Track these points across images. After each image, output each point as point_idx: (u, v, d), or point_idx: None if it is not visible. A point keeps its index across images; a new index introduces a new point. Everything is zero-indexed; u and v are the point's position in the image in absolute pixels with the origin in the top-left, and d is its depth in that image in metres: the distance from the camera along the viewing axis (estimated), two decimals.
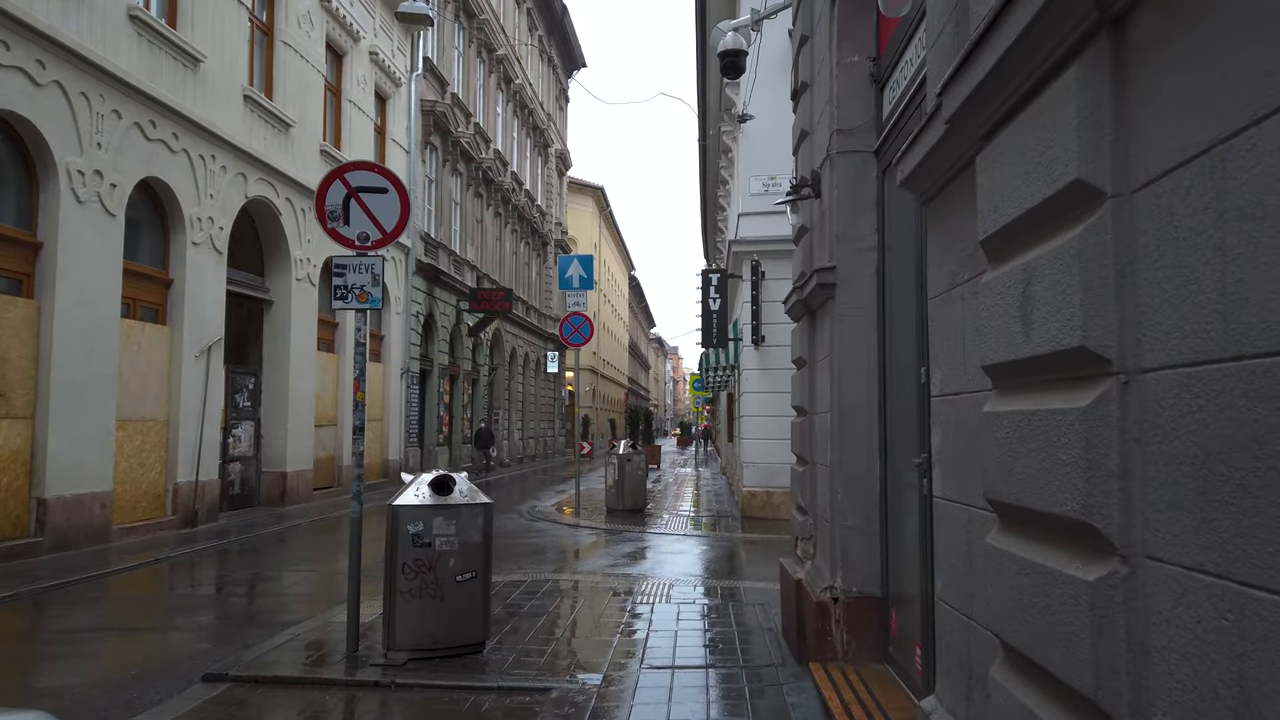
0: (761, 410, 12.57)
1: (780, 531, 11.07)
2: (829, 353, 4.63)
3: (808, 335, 5.19)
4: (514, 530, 11.32)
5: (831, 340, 4.57)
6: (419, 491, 5.27)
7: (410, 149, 19.52)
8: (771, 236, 12.61)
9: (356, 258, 5.48)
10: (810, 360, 5.15)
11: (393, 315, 18.76)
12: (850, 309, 4.48)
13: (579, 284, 13.83)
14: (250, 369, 13.88)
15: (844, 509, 4.40)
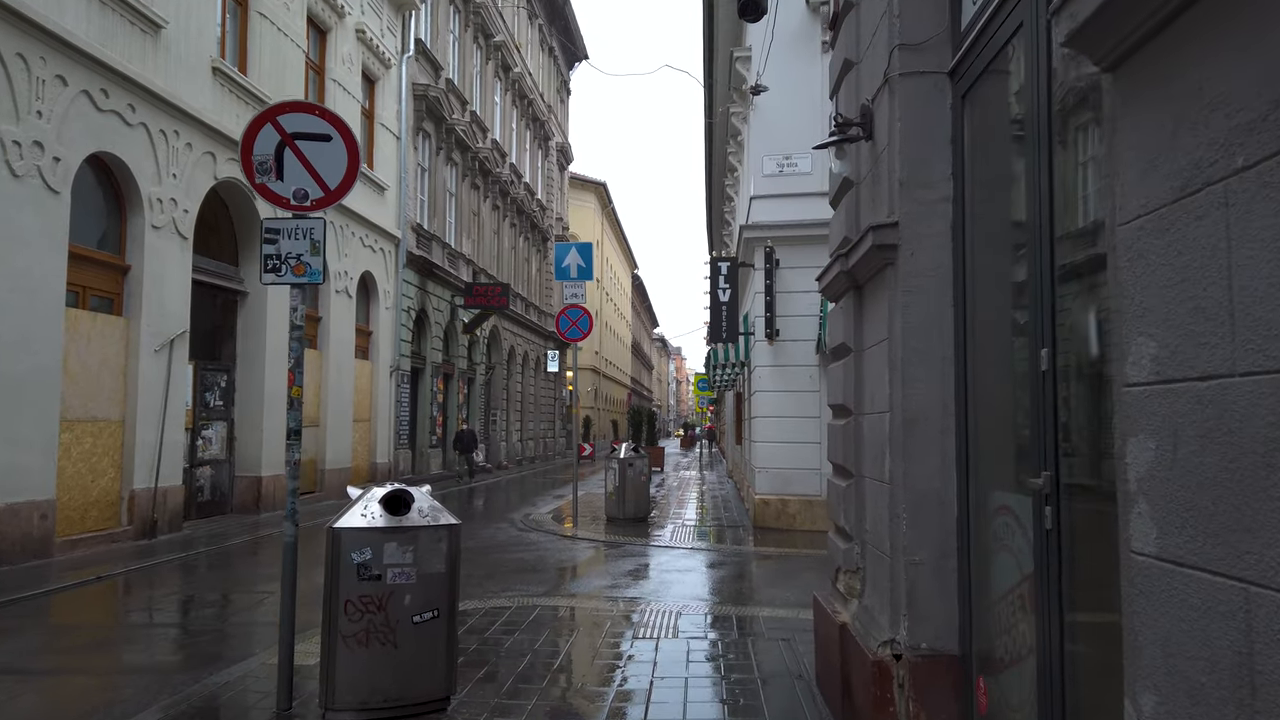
0: (776, 411, 11.53)
1: (798, 545, 10.03)
2: (886, 336, 3.58)
3: (853, 316, 4.14)
4: (504, 542, 10.28)
5: (891, 320, 3.53)
6: (367, 510, 4.24)
7: (401, 135, 18.51)
8: (787, 221, 11.57)
9: (292, 221, 4.45)
10: (856, 347, 4.11)
11: (381, 310, 17.75)
12: (918, 278, 3.43)
13: (577, 274, 12.78)
14: (223, 366, 12.86)
15: (910, 539, 3.36)
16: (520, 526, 11.83)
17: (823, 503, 11.18)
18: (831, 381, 4.55)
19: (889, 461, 3.52)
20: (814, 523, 11.23)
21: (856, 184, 4.17)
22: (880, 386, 3.68)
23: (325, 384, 15.23)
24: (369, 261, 16.99)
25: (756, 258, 11.76)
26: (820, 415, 11.38)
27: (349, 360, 16.12)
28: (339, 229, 15.53)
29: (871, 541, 3.84)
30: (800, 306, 11.50)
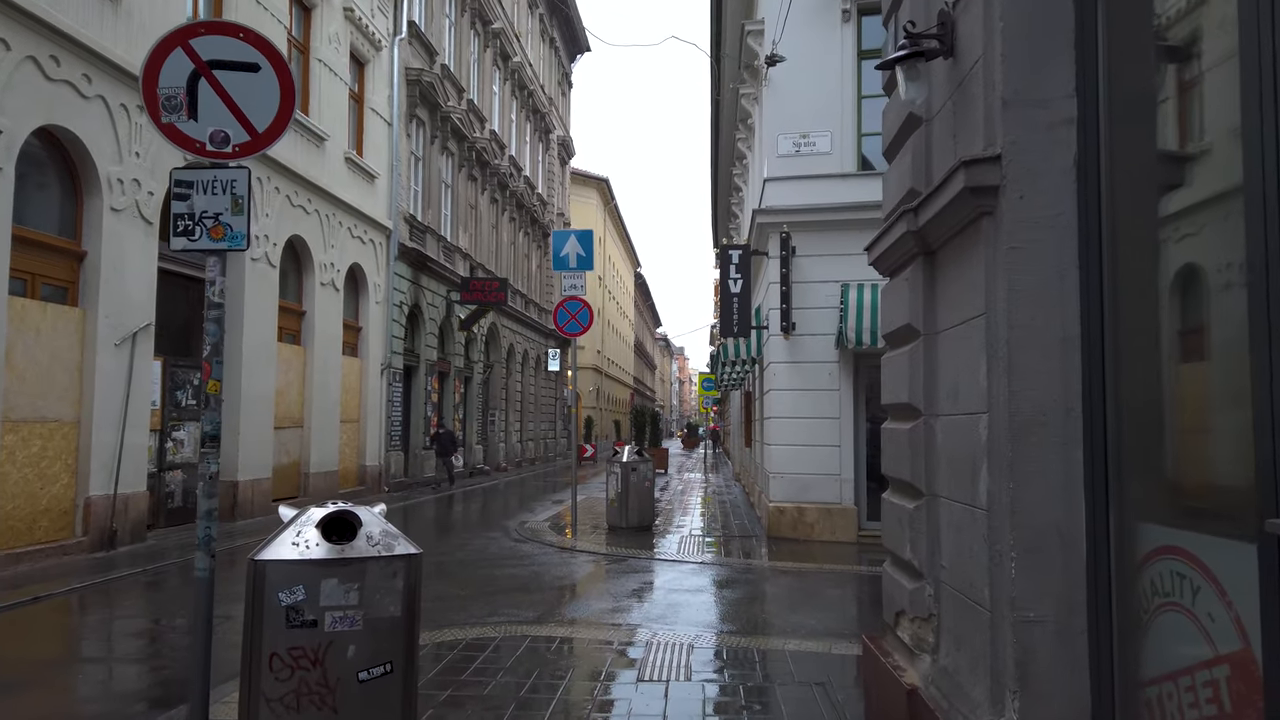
0: (791, 411, 10.61)
1: (817, 558, 9.11)
2: (981, 311, 2.67)
3: (922, 291, 3.22)
4: (496, 555, 9.37)
5: (990, 289, 2.61)
6: (301, 537, 3.33)
7: (393, 121, 17.61)
8: (804, 205, 10.64)
9: (209, 170, 3.54)
10: (928, 329, 3.19)
11: (372, 305, 16.84)
12: (1030, 230, 2.52)
13: (576, 263, 11.87)
14: (196, 362, 11.95)
15: (1021, 588, 2.44)
16: (515, 536, 10.92)
17: (843, 511, 10.27)
18: (891, 374, 3.63)
19: (986, 480, 2.60)
20: (833, 533, 10.32)
21: (927, 120, 3.25)
22: (969, 379, 2.76)
23: (309, 382, 14.33)
24: (358, 253, 16.10)
25: (771, 245, 10.84)
26: (840, 416, 10.47)
27: (336, 357, 15.22)
28: (325, 218, 14.64)
29: (953, 583, 2.92)
30: (818, 297, 10.57)
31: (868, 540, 10.28)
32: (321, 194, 14.42)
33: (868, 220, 10.61)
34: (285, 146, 13.21)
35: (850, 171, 10.62)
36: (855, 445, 10.46)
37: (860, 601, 7.29)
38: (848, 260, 10.54)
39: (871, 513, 10.53)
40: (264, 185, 12.64)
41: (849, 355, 10.48)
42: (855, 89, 10.65)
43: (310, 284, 14.43)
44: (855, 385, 10.55)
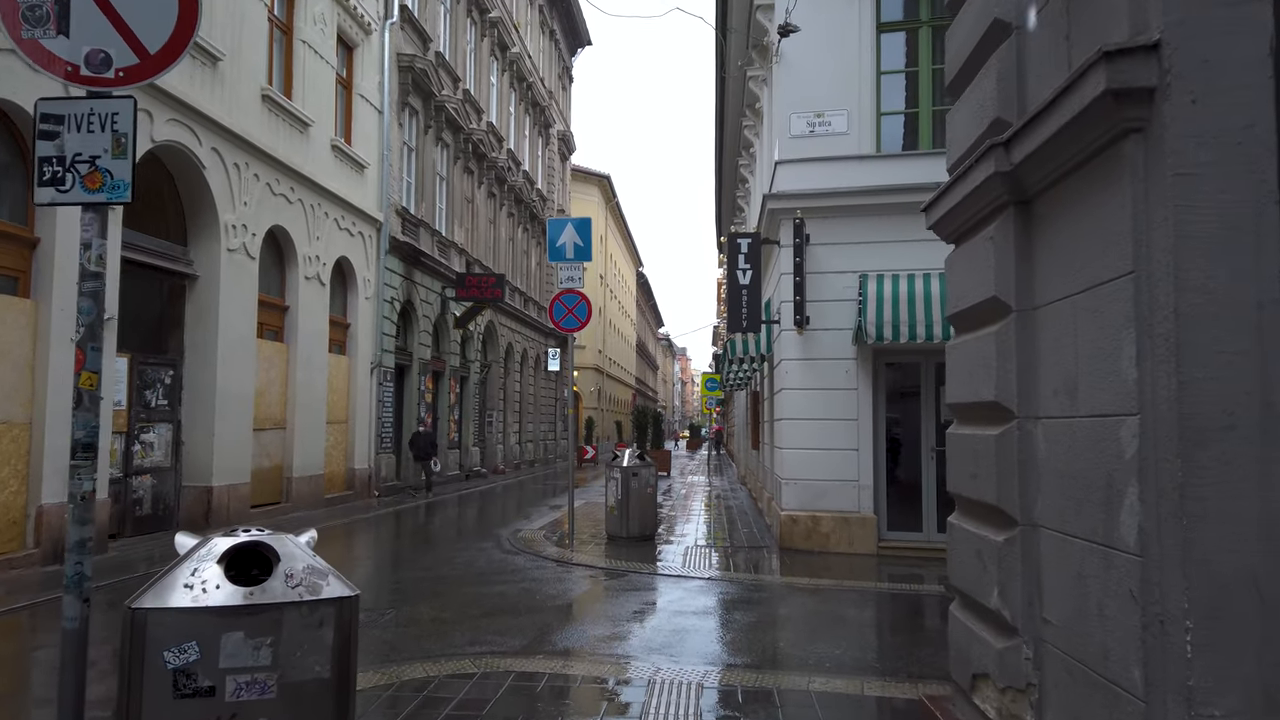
0: (805, 412, 9.82)
1: (834, 572, 8.33)
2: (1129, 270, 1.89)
3: (1013, 251, 2.44)
4: (483, 570, 8.59)
5: (1139, 238, 1.83)
6: (198, 577, 2.55)
7: (383, 109, 16.85)
8: (819, 189, 9.85)
9: (85, 102, 2.76)
10: (1024, 302, 2.41)
11: (361, 300, 16.07)
12: (1207, 148, 1.74)
13: (573, 254, 11.09)
14: (168, 360, 11.20)
15: (1202, 670, 1.66)
16: (506, 547, 10.14)
17: (861, 521, 9.48)
18: (963, 365, 2.84)
19: (1136, 510, 1.82)
20: (850, 544, 9.53)
21: (1019, 26, 2.46)
22: (1100, 367, 1.98)
23: (292, 380, 13.56)
24: (346, 246, 15.33)
25: (783, 233, 10.04)
26: (858, 418, 9.68)
27: (321, 354, 14.45)
28: (309, 208, 13.88)
29: (1067, 648, 2.14)
30: (835, 289, 9.78)
31: (889, 552, 9.49)
32: (305, 183, 13.66)
33: (888, 206, 9.85)
34: (265, 130, 12.46)
35: (868, 153, 9.84)
36: (874, 449, 9.67)
37: (889, 627, 6.50)
38: (867, 249, 9.76)
39: (893, 522, 9.74)
40: (240, 171, 11.87)
41: (867, 352, 9.69)
42: (874, 64, 9.87)
43: (293, 277, 13.65)
44: (874, 384, 9.76)
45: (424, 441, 16.84)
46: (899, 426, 9.88)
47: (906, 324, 9.10)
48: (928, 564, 9.04)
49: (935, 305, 9.19)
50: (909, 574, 8.56)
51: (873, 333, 9.14)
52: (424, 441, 16.84)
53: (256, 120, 12.27)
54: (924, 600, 7.38)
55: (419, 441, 16.85)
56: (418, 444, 16.82)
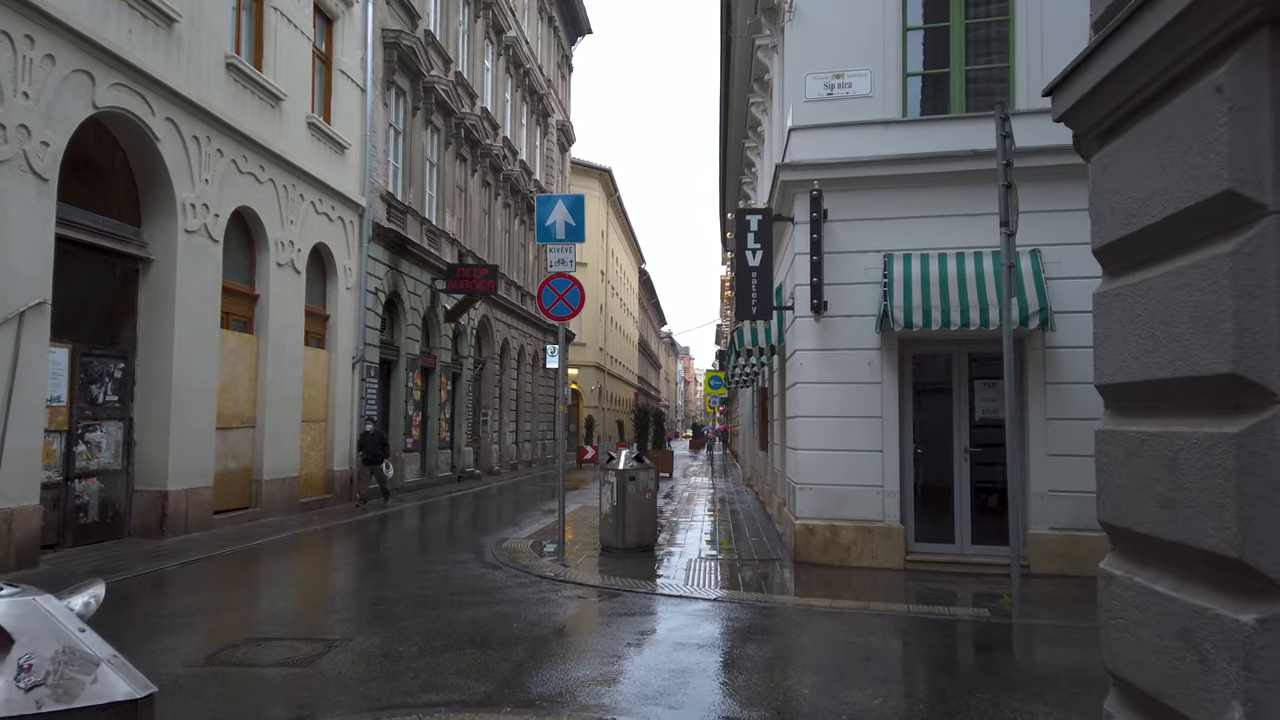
0: (822, 409, 8.76)
1: (857, 591, 7.27)
2: None
3: (1267, 110, 1.37)
4: (459, 588, 7.53)
5: None
6: None
7: (366, 87, 15.80)
8: (839, 159, 8.78)
9: None
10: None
11: (341, 290, 15.03)
12: None
13: (565, 234, 10.04)
14: (118, 351, 10.17)
15: None
16: (488, 560, 9.09)
17: (886, 531, 8.41)
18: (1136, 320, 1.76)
19: None
20: (874, 557, 8.46)
21: None
22: None
23: (263, 375, 12.52)
24: (324, 232, 14.29)
25: (797, 208, 8.98)
26: (882, 415, 8.62)
27: (296, 347, 13.42)
28: (282, 189, 12.84)
29: None
30: (856, 271, 8.72)
31: (917, 566, 8.43)
32: (277, 161, 12.62)
33: (916, 177, 8.78)
34: (229, 102, 11.42)
35: (894, 118, 8.77)
36: (900, 450, 8.61)
37: (931, 664, 5.44)
38: (892, 225, 8.70)
39: (921, 532, 8.68)
40: (201, 145, 10.83)
41: (893, 341, 8.63)
42: (900, 18, 8.80)
43: (264, 264, 12.61)
44: (900, 377, 8.70)
45: (373, 442, 14.69)
46: (927, 425, 8.82)
47: (939, 308, 8.04)
48: (962, 580, 7.99)
49: (970, 288, 8.13)
50: (942, 593, 7.50)
51: (900, 319, 8.08)
52: (373, 442, 14.69)
53: (219, 90, 11.23)
54: (966, 628, 6.31)
55: (367, 442, 14.68)
56: (366, 445, 14.68)
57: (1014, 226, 7.02)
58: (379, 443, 14.68)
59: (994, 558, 8.41)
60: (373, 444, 14.64)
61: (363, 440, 14.76)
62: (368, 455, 14.61)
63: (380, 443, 14.69)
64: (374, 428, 14.83)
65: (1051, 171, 8.18)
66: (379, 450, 14.61)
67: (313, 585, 7.86)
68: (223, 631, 5.94)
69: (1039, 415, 8.28)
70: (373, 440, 14.66)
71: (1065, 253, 8.28)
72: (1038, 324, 7.82)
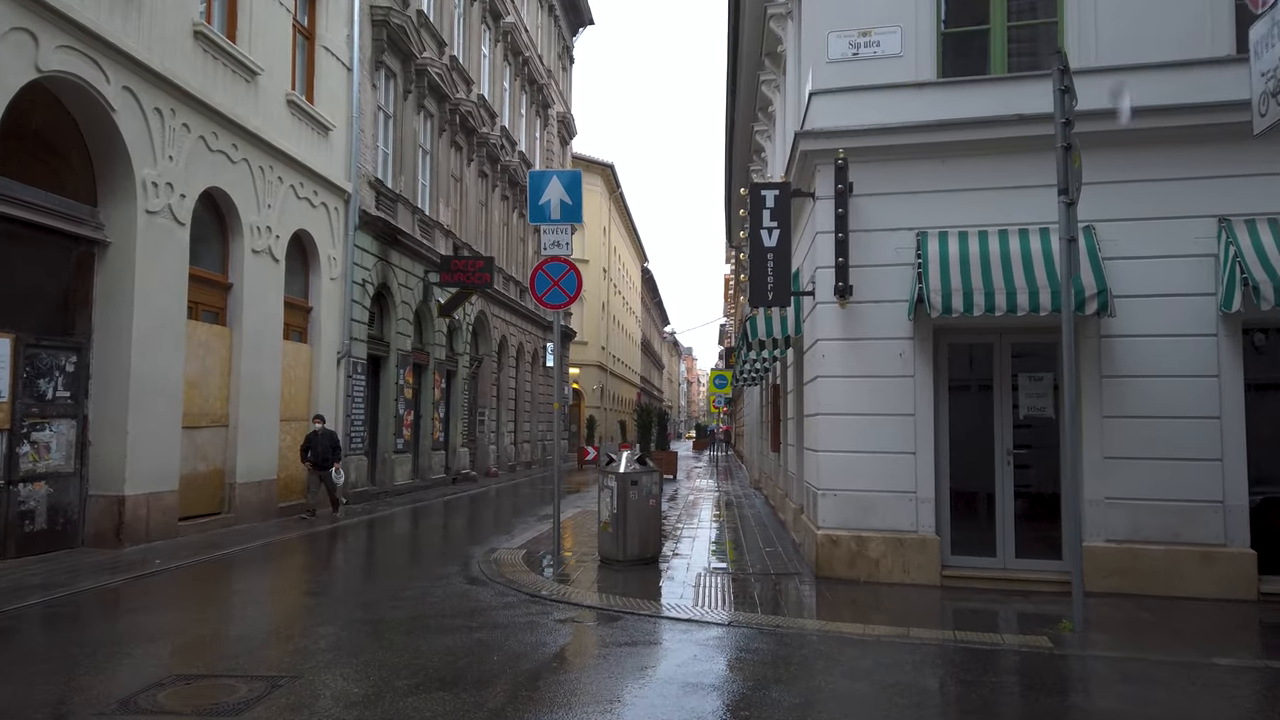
0: (847, 405, 7.83)
1: (893, 615, 6.34)
2: None
3: None
4: (435, 610, 6.61)
5: None
6: None
7: (353, 66, 14.89)
8: (865, 125, 7.85)
9: None
10: None
11: (325, 281, 14.12)
12: None
13: (561, 214, 9.14)
14: (71, 343, 9.27)
15: None
16: (474, 574, 8.16)
17: (920, 543, 7.49)
18: None
19: None
20: (906, 572, 7.53)
21: None
22: None
23: (236, 371, 11.62)
24: (305, 218, 13.38)
25: (819, 181, 8.05)
26: (915, 413, 7.68)
27: (274, 341, 12.51)
28: (258, 170, 11.93)
29: None
30: (885, 251, 7.80)
31: (955, 583, 7.49)
32: (253, 139, 11.71)
33: (953, 145, 7.81)
34: (197, 73, 10.51)
35: (927, 79, 7.84)
36: (935, 452, 7.68)
37: (999, 713, 4.49)
38: (926, 200, 7.78)
39: (958, 544, 7.74)
40: (164, 119, 9.93)
41: (927, 329, 7.70)
42: None
43: (238, 250, 11.70)
44: (935, 370, 7.77)
45: (323, 444, 12.67)
46: (965, 424, 7.89)
47: (981, 291, 7.10)
48: (1007, 599, 7.06)
49: (1016, 268, 7.19)
50: (988, 615, 6.58)
51: (938, 303, 7.14)
52: (323, 444, 12.67)
53: (186, 60, 10.32)
54: (1025, 661, 5.37)
55: (315, 444, 12.64)
56: (314, 447, 12.64)
57: (1075, 195, 6.10)
58: (330, 444, 12.75)
59: (1041, 573, 7.48)
60: (322, 446, 12.66)
61: (310, 441, 12.69)
62: (317, 459, 12.61)
63: (331, 444, 12.78)
64: (323, 427, 12.89)
65: (1106, 138, 7.25)
66: (329, 453, 12.72)
67: (273, 604, 6.94)
68: (151, 665, 5.02)
69: (1094, 413, 7.34)
70: (322, 442, 12.67)
71: (1122, 230, 7.35)
72: (1096, 308, 6.88)
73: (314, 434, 12.74)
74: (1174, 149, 7.31)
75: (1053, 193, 6.13)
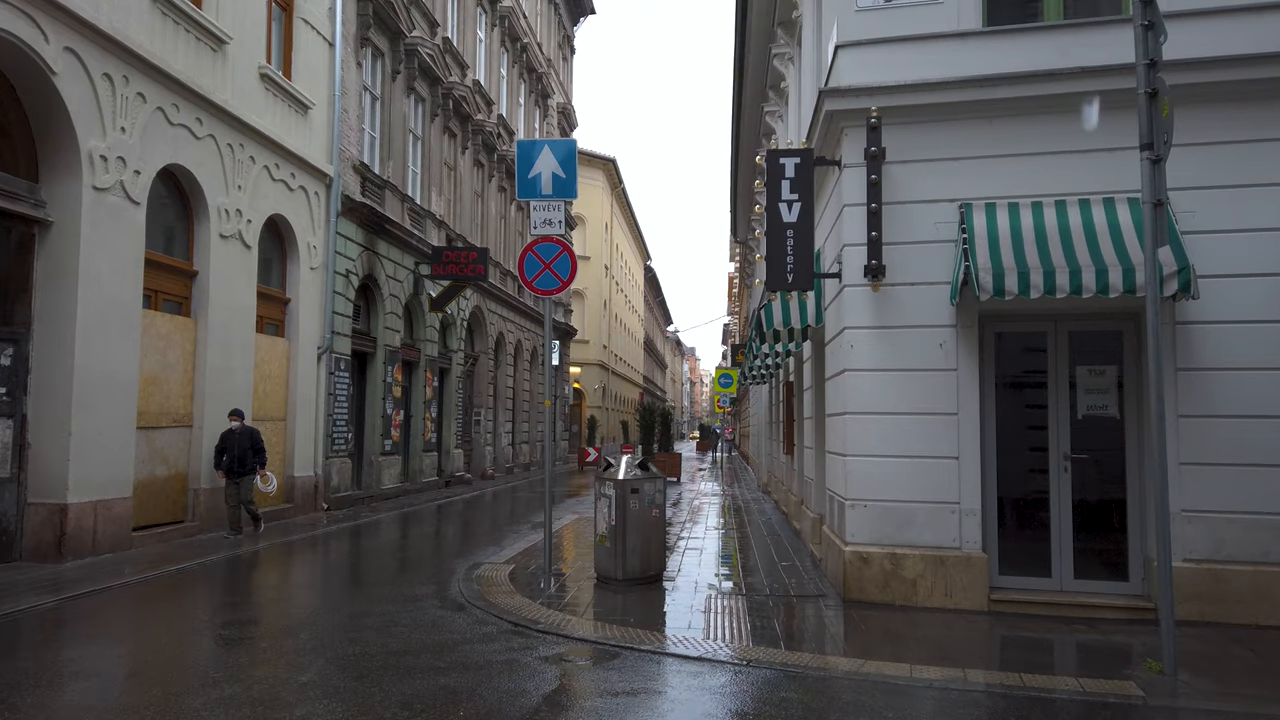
0: (879, 403, 6.82)
1: (940, 650, 5.35)
2: None
3: None
4: (397, 645, 5.60)
5: None
6: None
7: (335, 41, 13.92)
8: (899, 82, 6.83)
9: None
10: None
11: (304, 270, 13.14)
12: None
13: (553, 188, 8.15)
14: (9, 334, 8.30)
15: None
16: (451, 596, 7.16)
17: (964, 561, 6.49)
18: None
19: None
20: (948, 595, 6.52)
21: None
22: None
23: (202, 366, 10.64)
24: (281, 202, 12.40)
25: (846, 146, 7.04)
26: (958, 412, 6.68)
27: (246, 334, 11.53)
28: (227, 148, 10.95)
29: None
30: (922, 226, 6.80)
31: (1006, 608, 6.48)
32: (220, 114, 10.73)
33: (1002, 104, 6.71)
34: (154, 37, 9.53)
35: (972, 28, 6.83)
36: (982, 456, 6.67)
37: None
38: (970, 168, 6.76)
39: (1007, 563, 6.73)
40: (115, 86, 8.96)
41: (972, 315, 6.70)
42: None
43: (204, 234, 10.72)
44: (980, 362, 6.76)
45: (238, 445, 10.26)
46: (1015, 424, 6.88)
47: (1039, 270, 6.09)
48: (1069, 628, 6.05)
49: (1079, 243, 6.18)
50: (1049, 649, 5.57)
51: (988, 285, 6.13)
52: (238, 445, 10.26)
53: (141, 22, 9.35)
54: (1117, 715, 4.36)
55: (230, 444, 10.25)
56: (229, 449, 10.24)
57: (1163, 150, 5.08)
58: (249, 445, 10.34)
59: (1104, 596, 6.48)
60: (238, 447, 10.24)
61: (224, 442, 10.26)
62: (232, 463, 10.21)
63: (252, 446, 10.38)
64: (241, 424, 10.39)
65: (1183, 94, 6.22)
66: (246, 456, 10.28)
67: (206, 633, 5.96)
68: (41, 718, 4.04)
69: (1169, 412, 6.32)
70: (238, 442, 10.25)
71: (1203, 200, 6.34)
72: (1176, 288, 5.87)
73: (229, 434, 10.31)
74: (1264, 105, 6.30)
75: (1120, 157, 5.18)
